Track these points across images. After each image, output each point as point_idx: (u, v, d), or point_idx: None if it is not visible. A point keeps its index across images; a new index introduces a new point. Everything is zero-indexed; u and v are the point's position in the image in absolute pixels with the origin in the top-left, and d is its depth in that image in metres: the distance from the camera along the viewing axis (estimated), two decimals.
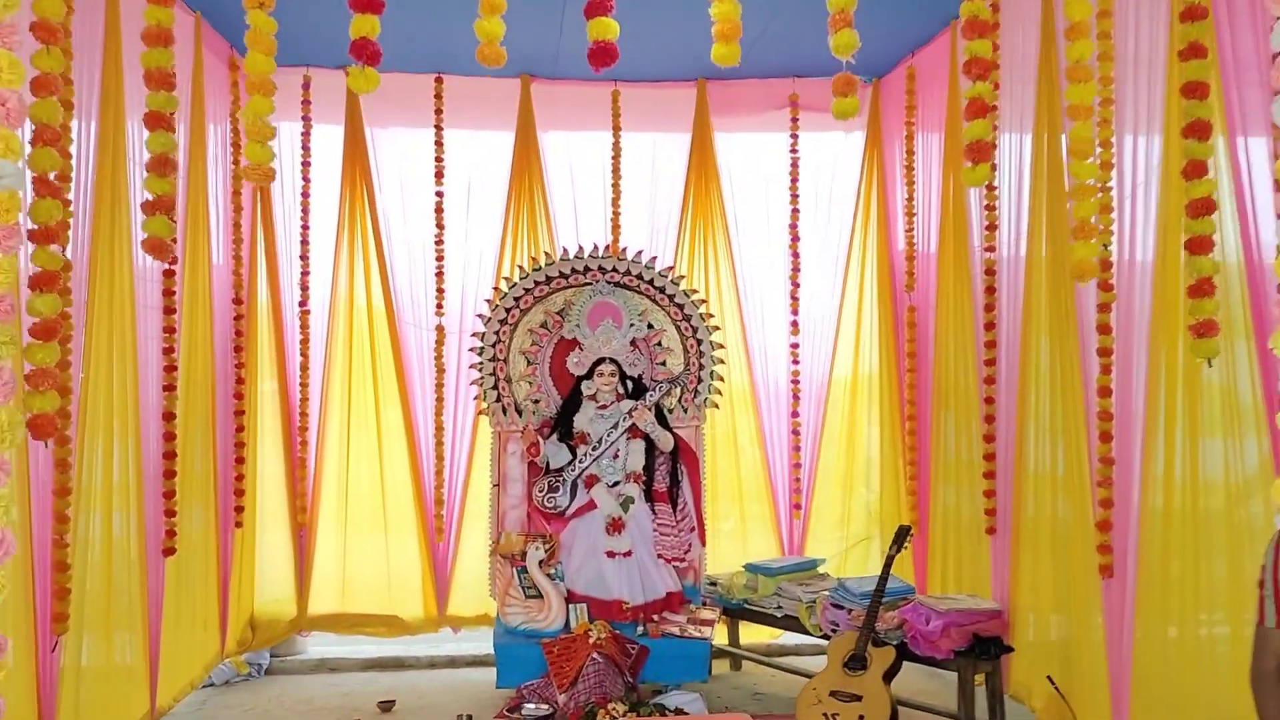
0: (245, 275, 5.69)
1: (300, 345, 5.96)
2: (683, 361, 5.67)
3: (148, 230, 3.39)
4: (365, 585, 6.03)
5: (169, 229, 3.39)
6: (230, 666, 5.66)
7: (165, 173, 3.37)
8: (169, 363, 4.57)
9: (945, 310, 5.43)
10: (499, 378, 5.57)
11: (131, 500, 4.28)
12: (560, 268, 5.59)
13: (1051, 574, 4.49)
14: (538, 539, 5.31)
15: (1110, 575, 3.93)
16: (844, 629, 4.86)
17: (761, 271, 6.29)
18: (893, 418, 6.09)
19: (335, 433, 6.02)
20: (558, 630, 5.13)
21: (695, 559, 5.56)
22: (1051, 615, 4.52)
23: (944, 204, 5.46)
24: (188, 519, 4.89)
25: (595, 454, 5.36)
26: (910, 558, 5.69)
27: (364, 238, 6.03)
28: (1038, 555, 4.58)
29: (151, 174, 3.38)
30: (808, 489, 6.21)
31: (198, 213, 4.99)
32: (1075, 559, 4.20)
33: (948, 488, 5.44)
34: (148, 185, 3.38)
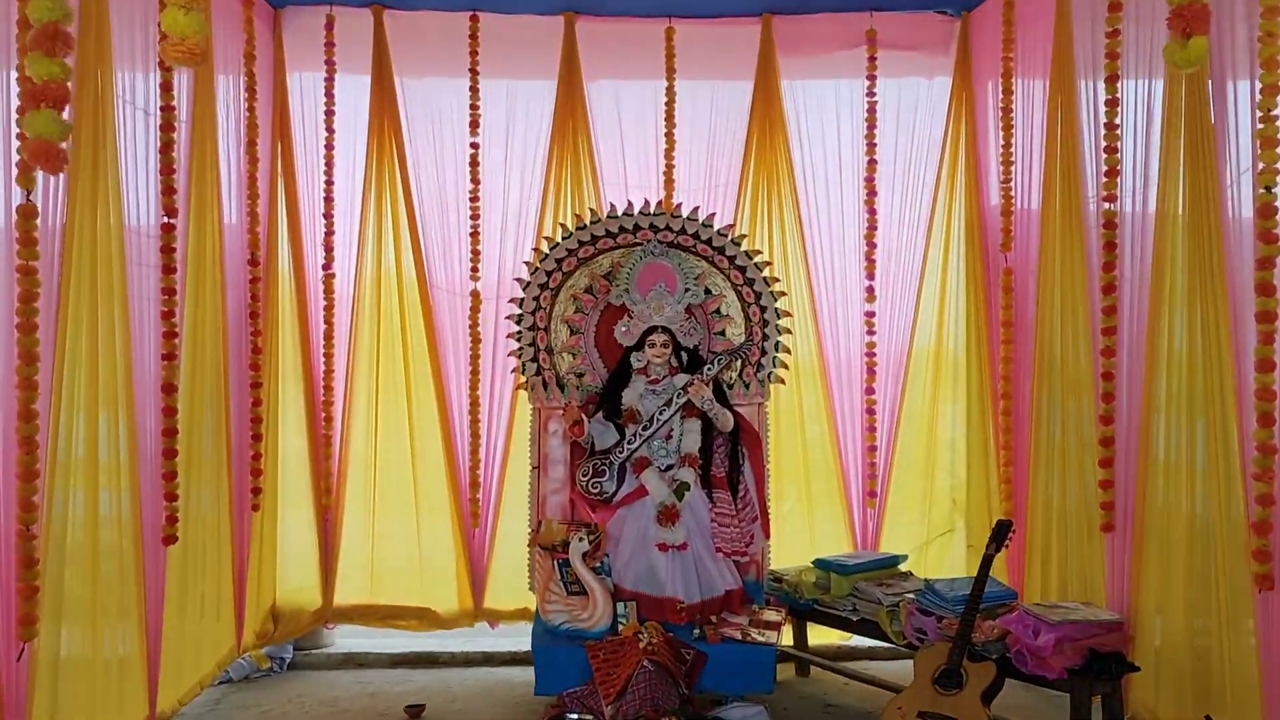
0: (263, 235, 5.16)
1: (324, 312, 5.43)
2: (744, 331, 5.05)
3: (30, 129, 2.78)
4: (395, 574, 5.50)
5: (59, 128, 2.76)
6: (250, 661, 5.17)
7: (54, 51, 2.73)
8: (169, 328, 4.05)
9: (1050, 273, 4.74)
10: (539, 349, 4.99)
11: (124, 481, 3.78)
12: (607, 226, 4.99)
13: (1185, 581, 3.82)
14: (581, 528, 4.74)
15: (1270, 588, 3.25)
16: (933, 639, 4.24)
17: (833, 231, 5.61)
18: (982, 396, 5.41)
19: (362, 408, 5.49)
20: (603, 631, 4.56)
21: (758, 552, 4.95)
22: (1185, 630, 3.85)
23: (1049, 152, 4.76)
24: (196, 501, 4.40)
25: (646, 434, 4.76)
26: (1003, 556, 5.01)
27: (393, 195, 5.46)
28: (1168, 558, 3.92)
29: (34, 53, 2.73)
30: (884, 475, 5.56)
31: (205, 164, 4.46)
32: (1220, 565, 3.55)
33: (1051, 477, 4.76)
34: (29, 68, 2.76)
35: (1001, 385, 5.24)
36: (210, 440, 4.58)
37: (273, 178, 5.28)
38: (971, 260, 5.46)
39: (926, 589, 4.41)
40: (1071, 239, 4.57)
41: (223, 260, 4.68)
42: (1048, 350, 4.80)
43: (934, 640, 4.21)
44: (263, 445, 5.07)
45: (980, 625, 4.11)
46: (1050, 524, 4.78)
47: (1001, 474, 5.23)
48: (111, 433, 3.68)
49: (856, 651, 5.40)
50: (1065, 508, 4.68)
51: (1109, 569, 4.30)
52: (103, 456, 3.64)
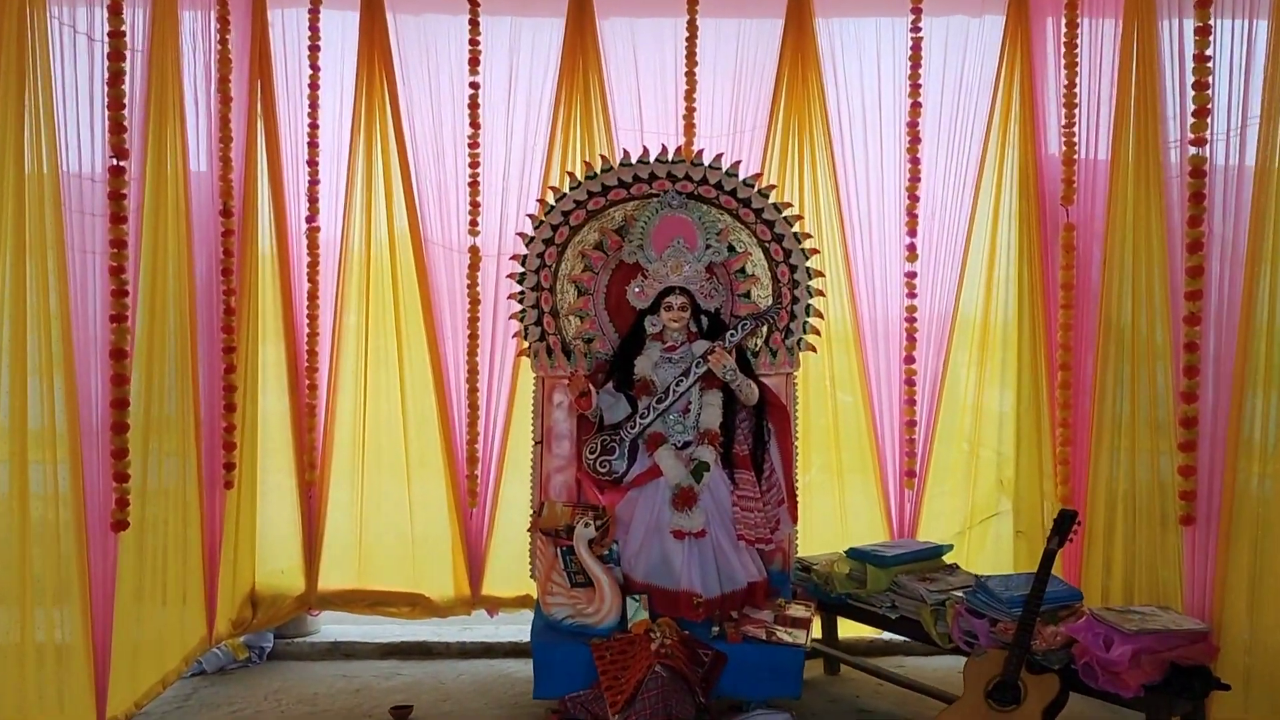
0: (239, 183, 4.65)
1: (307, 269, 4.94)
2: (771, 293, 4.54)
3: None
4: (386, 557, 5.03)
5: None
6: (226, 652, 4.72)
7: None
8: (118, 285, 3.57)
9: (1120, 229, 4.20)
10: (543, 311, 4.48)
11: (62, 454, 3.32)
12: (620, 175, 4.47)
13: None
14: (588, 512, 4.25)
15: None
16: (985, 645, 3.74)
17: (871, 182, 5.04)
18: (1035, 366, 4.86)
19: (350, 375, 5.00)
20: (611, 628, 4.08)
21: (784, 539, 4.46)
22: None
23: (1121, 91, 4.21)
24: (155, 478, 3.97)
25: (660, 407, 4.26)
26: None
27: (384, 141, 4.94)
28: (1262, 557, 3.44)
29: None
30: (923, 453, 5.02)
31: (166, 101, 3.97)
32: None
33: (1117, 459, 4.22)
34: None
35: (1059, 355, 4.70)
36: (175, 410, 4.11)
37: (250, 120, 4.76)
38: (1026, 215, 4.90)
39: (978, 587, 3.90)
40: (1148, 190, 4.03)
41: (189, 210, 4.19)
42: (1115, 316, 4.26)
43: (986, 647, 3.71)
44: (236, 416, 4.59)
45: (1041, 631, 3.60)
46: (1115, 513, 4.25)
47: (1057, 454, 4.69)
48: (45, 401, 3.21)
49: (892, 645, 4.92)
50: (1133, 495, 4.16)
51: (1188, 568, 3.78)
52: (33, 425, 3.18)
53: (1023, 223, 4.92)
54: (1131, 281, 4.15)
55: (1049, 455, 4.77)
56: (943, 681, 4.34)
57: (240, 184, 4.66)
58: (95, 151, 3.45)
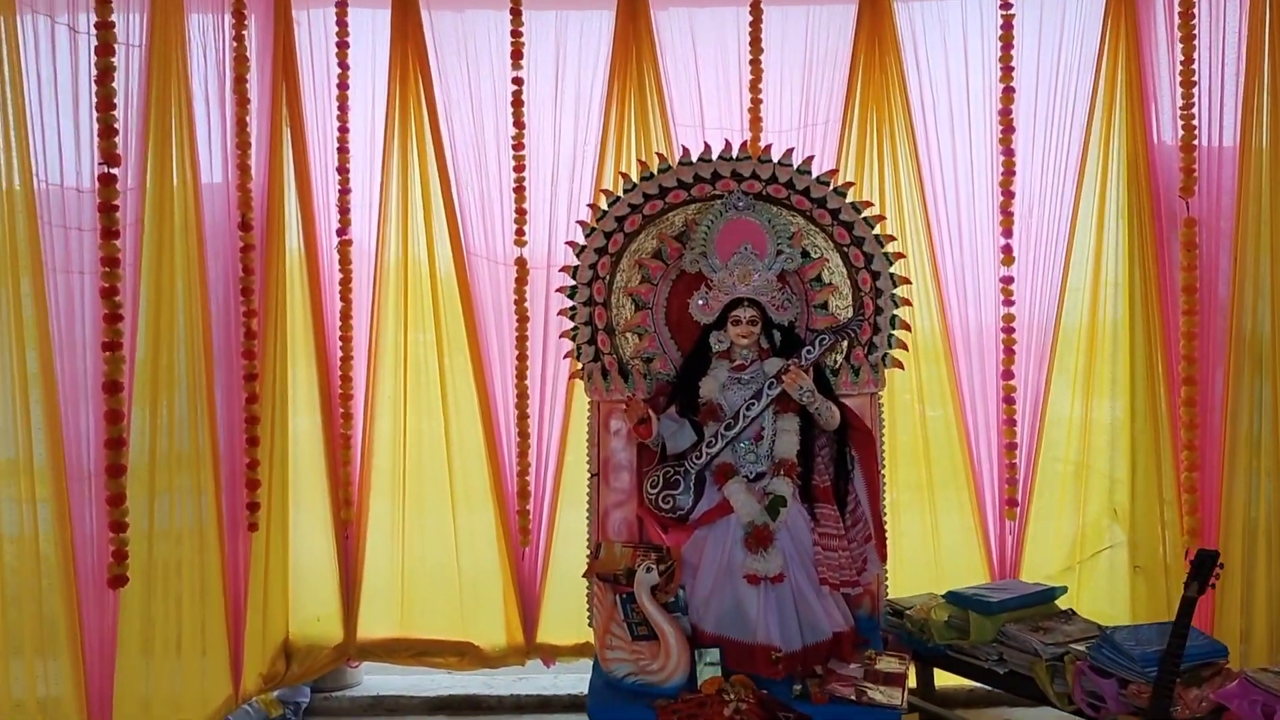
0: (260, 193, 4.27)
1: (339, 287, 4.54)
2: (851, 303, 4.04)
3: None
4: (431, 602, 4.60)
5: None
6: (257, 709, 4.32)
7: None
8: (110, 309, 3.17)
9: (1254, 225, 3.66)
10: (597, 328, 4.03)
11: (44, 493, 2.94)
12: (679, 175, 3.99)
13: None
14: (650, 554, 3.77)
15: None
16: (1115, 710, 3.19)
17: (960, 177, 4.52)
18: (1152, 379, 4.29)
19: (387, 403, 4.59)
20: (678, 687, 3.59)
21: (872, 580, 3.94)
22: None
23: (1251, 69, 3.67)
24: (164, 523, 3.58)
25: (730, 435, 3.77)
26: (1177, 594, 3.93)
27: (420, 144, 4.53)
28: None
29: None
30: (1025, 479, 4.48)
31: (168, 103, 3.59)
32: None
33: (1256, 488, 3.71)
34: None
35: (1182, 367, 4.13)
36: (189, 446, 3.72)
37: (274, 124, 4.38)
38: (1137, 210, 4.34)
39: (1103, 641, 3.35)
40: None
41: (200, 224, 3.81)
42: (1252, 323, 3.76)
43: (1116, 712, 3.17)
44: (261, 450, 4.19)
45: (1182, 695, 3.06)
46: (1255, 550, 3.73)
47: (1182, 480, 4.12)
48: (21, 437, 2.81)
49: (994, 695, 4.35)
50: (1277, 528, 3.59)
51: None
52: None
53: (1132, 219, 4.37)
54: (1271, 283, 3.63)
55: (1170, 480, 4.22)
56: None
57: (262, 194, 4.29)
58: (82, 159, 3.07)
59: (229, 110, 4.08)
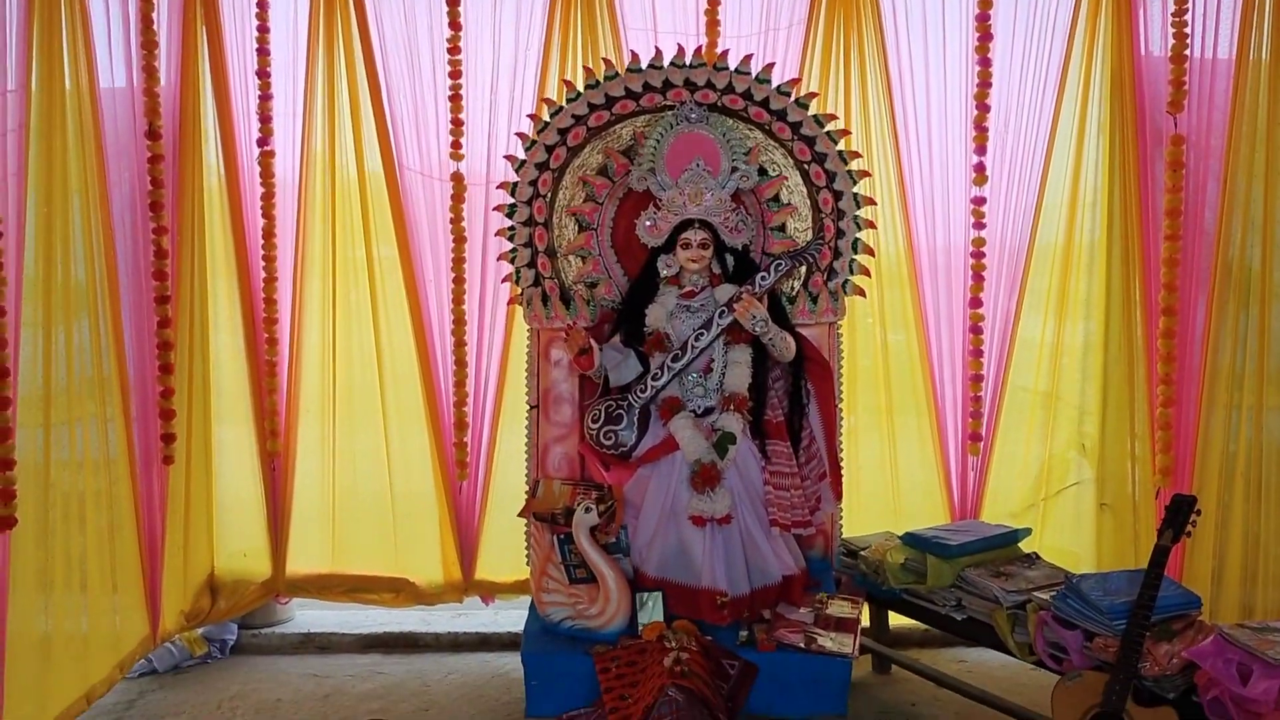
0: (169, 99, 3.90)
1: (261, 202, 4.20)
2: (811, 225, 3.76)
3: None
4: (363, 537, 4.35)
5: None
6: (181, 647, 4.11)
7: None
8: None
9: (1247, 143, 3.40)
10: (537, 250, 3.74)
11: None
12: (627, 83, 3.67)
13: None
14: (590, 493, 3.54)
15: None
16: (1078, 664, 3.01)
17: (931, 89, 4.20)
18: (1128, 308, 4.03)
19: (316, 329, 4.28)
20: (618, 632, 3.41)
21: (825, 520, 3.74)
22: None
23: None
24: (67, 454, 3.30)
25: (677, 366, 3.52)
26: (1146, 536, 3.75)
27: (347, 46, 4.15)
28: None
29: None
30: (990, 413, 4.24)
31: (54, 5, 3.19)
32: None
33: (1235, 426, 3.50)
34: None
35: (1161, 295, 3.88)
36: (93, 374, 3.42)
37: (187, 23, 3.99)
38: (1120, 126, 4.04)
39: (1068, 590, 3.14)
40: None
41: (100, 132, 3.45)
42: (1239, 249, 3.51)
43: (1080, 667, 2.98)
44: (176, 379, 3.88)
45: (1152, 650, 2.87)
46: (1233, 495, 3.53)
47: (1157, 417, 3.90)
48: None
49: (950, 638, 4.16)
50: (1259, 474, 3.44)
51: None
52: None
53: (1114, 135, 4.07)
54: (1263, 209, 3.38)
55: (1143, 414, 4.00)
56: (1013, 685, 3.67)
57: (173, 100, 3.92)
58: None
59: (132, 6, 3.68)
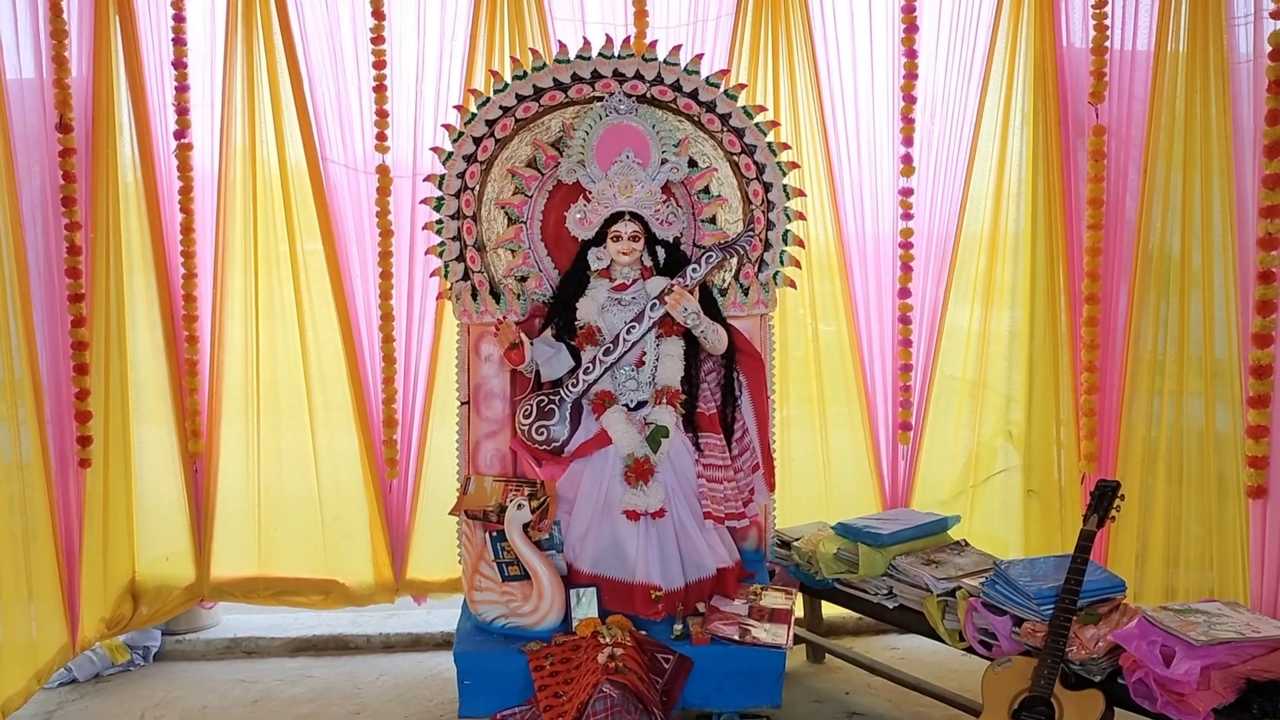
0: (81, 90, 3.78)
1: (179, 196, 4.08)
2: (741, 217, 3.75)
3: None
4: (291, 538, 4.26)
5: None
6: (102, 655, 3.99)
7: None
8: None
9: (1166, 132, 3.45)
10: (465, 243, 3.68)
11: None
12: (555, 74, 3.63)
13: None
14: (522, 489, 3.49)
15: None
16: (1007, 649, 3.05)
17: (859, 80, 4.22)
18: (1052, 296, 4.10)
19: (238, 325, 4.17)
20: (552, 629, 3.37)
21: (759, 512, 3.73)
22: None
23: None
24: None
25: (609, 360, 3.49)
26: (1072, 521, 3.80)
27: (266, 34, 4.04)
28: None
29: None
30: (920, 402, 4.28)
31: None
32: None
33: (1158, 414, 3.55)
34: None
35: (1085, 285, 3.94)
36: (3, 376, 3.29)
37: (99, 11, 3.86)
38: (1043, 116, 4.09)
39: (997, 576, 3.18)
40: (1207, 82, 3.28)
41: (7, 125, 3.32)
42: (1159, 237, 3.56)
43: (1009, 653, 3.02)
44: (91, 379, 3.76)
45: (1079, 634, 2.91)
46: (1155, 479, 3.58)
47: (1081, 404, 3.96)
48: None
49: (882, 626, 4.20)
50: (1180, 458, 3.49)
51: (1257, 550, 3.10)
52: None
53: (1038, 126, 4.12)
54: (1181, 197, 3.43)
55: (1068, 401, 4.06)
56: (944, 671, 3.71)
57: (85, 91, 3.79)
58: None
59: None
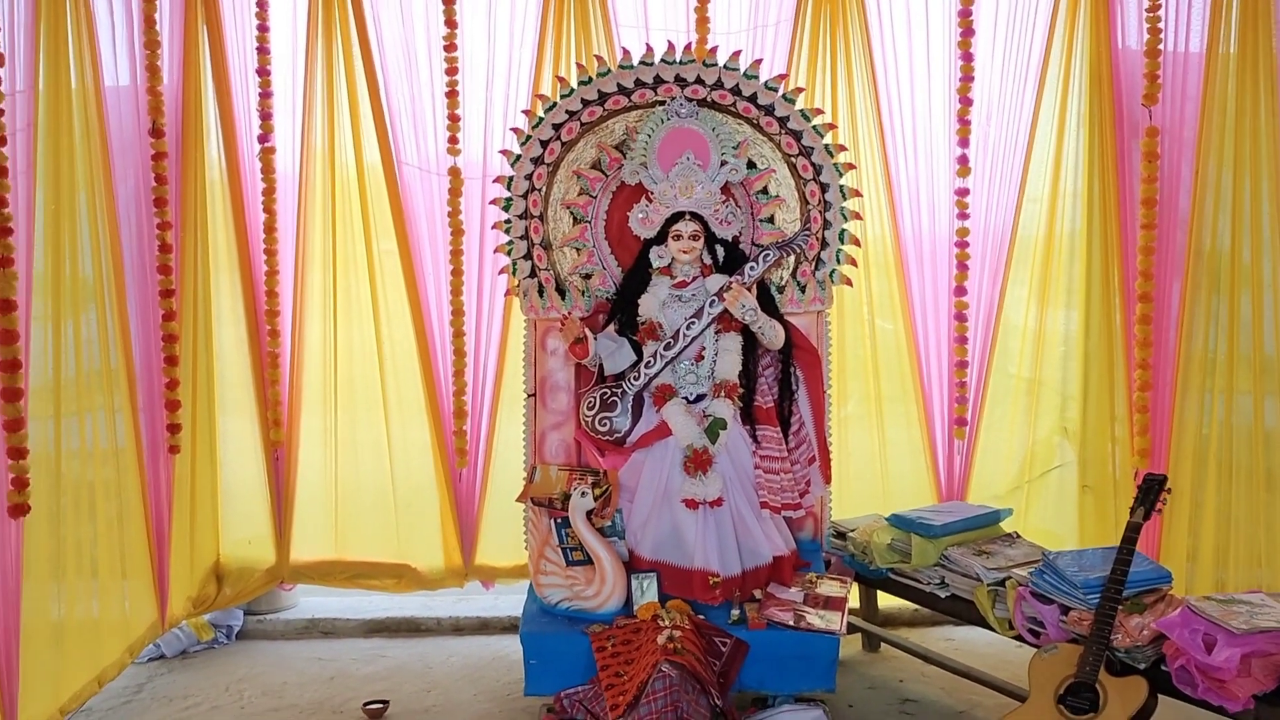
0: (172, 97, 4.01)
1: (263, 197, 4.30)
2: (799, 217, 3.87)
3: None
4: (366, 524, 4.46)
5: None
6: (188, 633, 4.23)
7: None
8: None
9: (1217, 135, 3.52)
10: (533, 242, 3.84)
11: None
12: (619, 80, 3.78)
13: None
14: (586, 478, 3.65)
15: None
16: (1055, 637, 3.13)
17: (915, 83, 4.31)
18: (1107, 295, 4.15)
19: (317, 320, 4.38)
20: (614, 612, 3.53)
21: (815, 503, 3.85)
22: None
23: None
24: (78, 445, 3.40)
25: (669, 355, 3.63)
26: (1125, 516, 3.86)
27: (345, 44, 4.24)
28: None
29: None
30: (976, 398, 4.37)
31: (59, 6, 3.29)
32: None
33: (1209, 409, 3.63)
34: None
35: (1138, 283, 4.00)
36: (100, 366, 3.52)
37: (189, 22, 4.09)
38: (1098, 119, 4.15)
39: (1045, 566, 3.27)
40: (1256, 86, 3.38)
41: (105, 130, 3.55)
42: (1211, 238, 3.62)
43: (1056, 640, 3.10)
44: (181, 370, 3.98)
45: (1124, 623, 2.99)
46: (1205, 472, 3.64)
47: (1134, 400, 4.02)
48: None
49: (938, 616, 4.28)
50: (1229, 450, 3.57)
51: None
52: None
53: (1094, 128, 4.18)
54: (1232, 196, 3.50)
55: (1122, 398, 4.12)
56: (998, 661, 3.79)
57: (175, 98, 4.01)
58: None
59: (135, 6, 3.78)
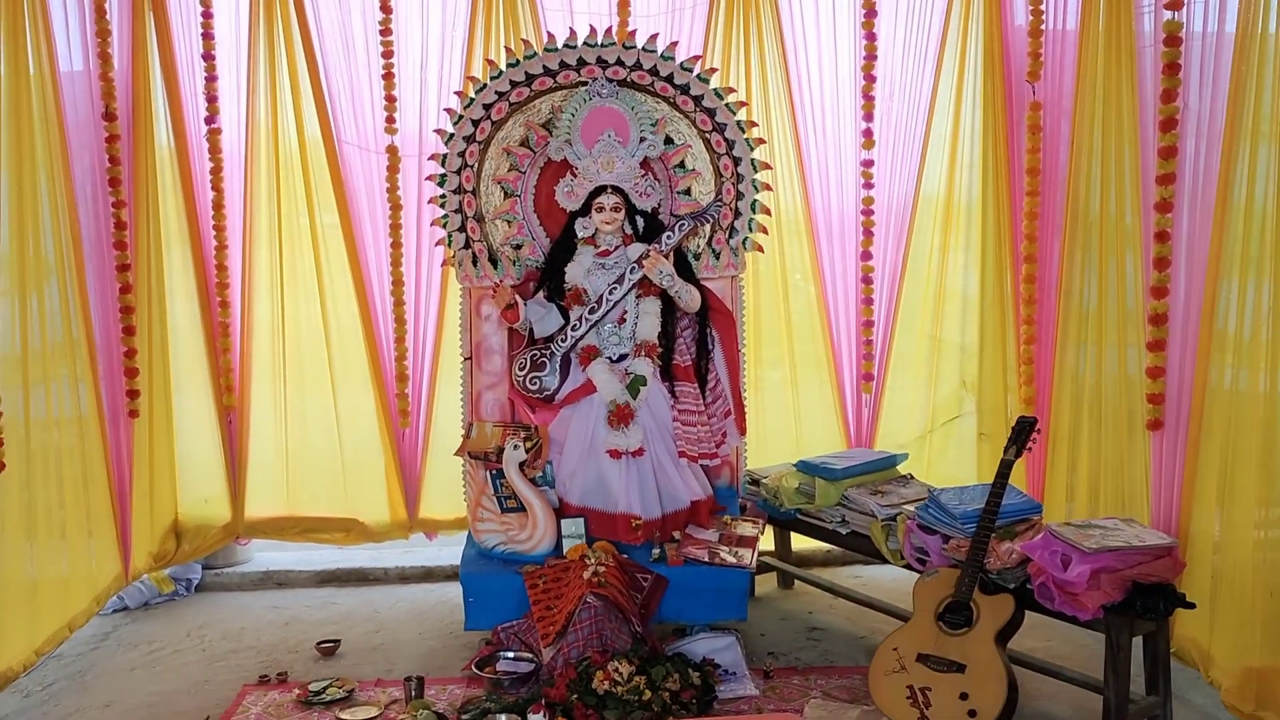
0: (122, 82, 4.23)
1: (210, 176, 4.54)
2: (713, 188, 4.17)
3: None
4: (315, 482, 4.74)
5: None
6: (150, 586, 4.49)
7: None
8: None
9: (1089, 106, 3.84)
10: (466, 215, 4.12)
11: None
12: (545, 62, 4.05)
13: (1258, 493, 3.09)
14: (519, 432, 3.96)
15: None
16: (937, 563, 3.49)
17: (823, 62, 4.63)
18: (999, 257, 4.52)
19: (264, 290, 4.63)
20: (545, 554, 3.86)
21: (730, 452, 4.19)
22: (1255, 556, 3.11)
23: None
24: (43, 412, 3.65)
25: (593, 318, 3.95)
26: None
27: (285, 29, 4.47)
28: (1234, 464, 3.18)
29: None
30: (881, 355, 4.71)
31: None
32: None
33: (1083, 358, 3.96)
34: None
35: (1024, 245, 4.36)
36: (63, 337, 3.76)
37: (136, 10, 4.30)
38: (991, 94, 4.50)
39: (930, 502, 3.63)
40: (1119, 62, 3.66)
41: (61, 115, 3.77)
42: (1084, 202, 3.95)
43: (938, 565, 3.46)
44: (138, 340, 4.23)
45: (995, 548, 3.35)
46: (1080, 416, 3.99)
47: (1021, 352, 4.39)
48: None
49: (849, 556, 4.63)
50: (1100, 396, 3.89)
51: (1155, 476, 3.53)
52: None
53: (988, 102, 4.52)
54: (1100, 164, 3.82)
55: (1013, 351, 4.49)
56: (899, 593, 4.14)
57: (126, 83, 4.24)
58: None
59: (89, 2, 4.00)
